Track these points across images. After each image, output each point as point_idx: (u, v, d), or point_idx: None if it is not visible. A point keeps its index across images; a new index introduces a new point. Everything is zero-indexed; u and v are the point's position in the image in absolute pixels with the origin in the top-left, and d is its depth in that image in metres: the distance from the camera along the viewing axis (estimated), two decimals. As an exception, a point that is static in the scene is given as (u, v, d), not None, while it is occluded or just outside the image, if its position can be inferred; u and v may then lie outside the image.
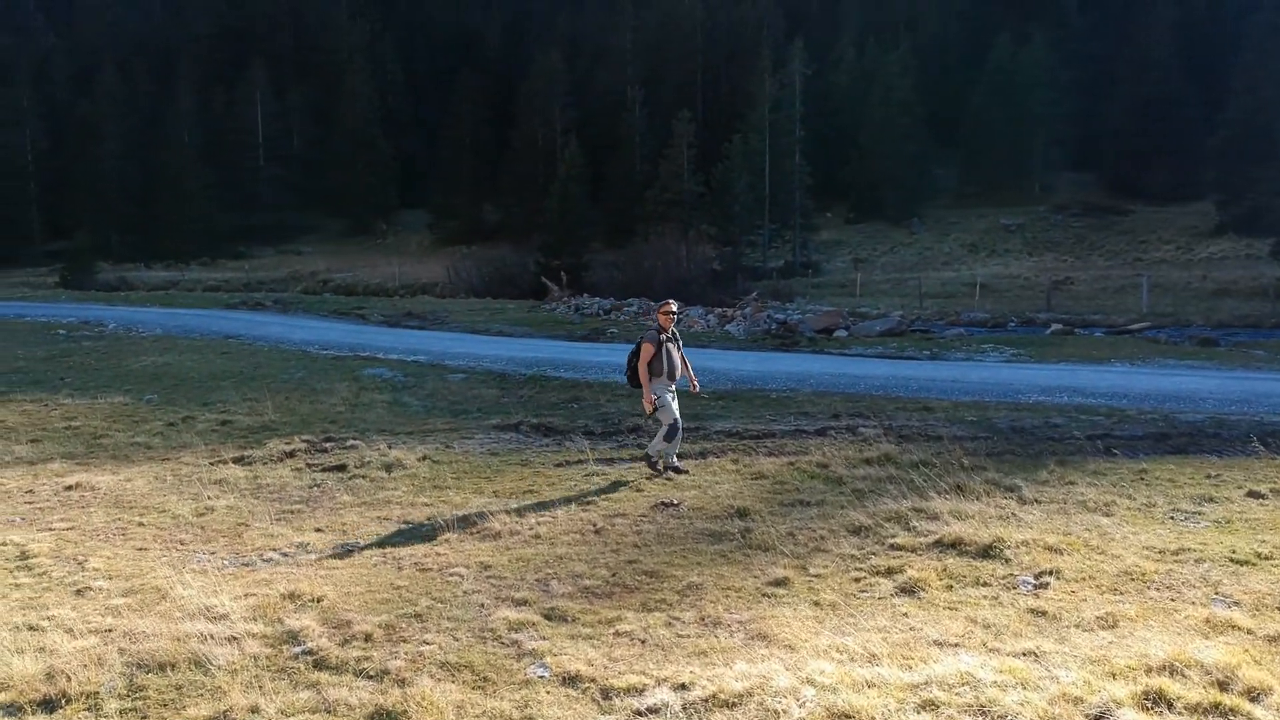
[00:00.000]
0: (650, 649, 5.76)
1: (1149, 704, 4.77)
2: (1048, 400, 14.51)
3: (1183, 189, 58.37)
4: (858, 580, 6.89)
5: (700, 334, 27.27)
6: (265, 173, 79.43)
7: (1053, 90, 64.02)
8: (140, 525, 8.94)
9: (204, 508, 9.47)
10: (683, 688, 5.14)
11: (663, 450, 10.31)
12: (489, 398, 15.88)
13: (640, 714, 4.93)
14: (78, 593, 7.04)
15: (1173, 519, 8.18)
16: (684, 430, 10.66)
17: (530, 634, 6.00)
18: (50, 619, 6.41)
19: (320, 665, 5.61)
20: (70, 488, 10.34)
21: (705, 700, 4.99)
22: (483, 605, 6.53)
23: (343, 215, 79.60)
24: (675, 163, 56.19)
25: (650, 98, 67.30)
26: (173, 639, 5.86)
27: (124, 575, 7.40)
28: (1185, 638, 5.60)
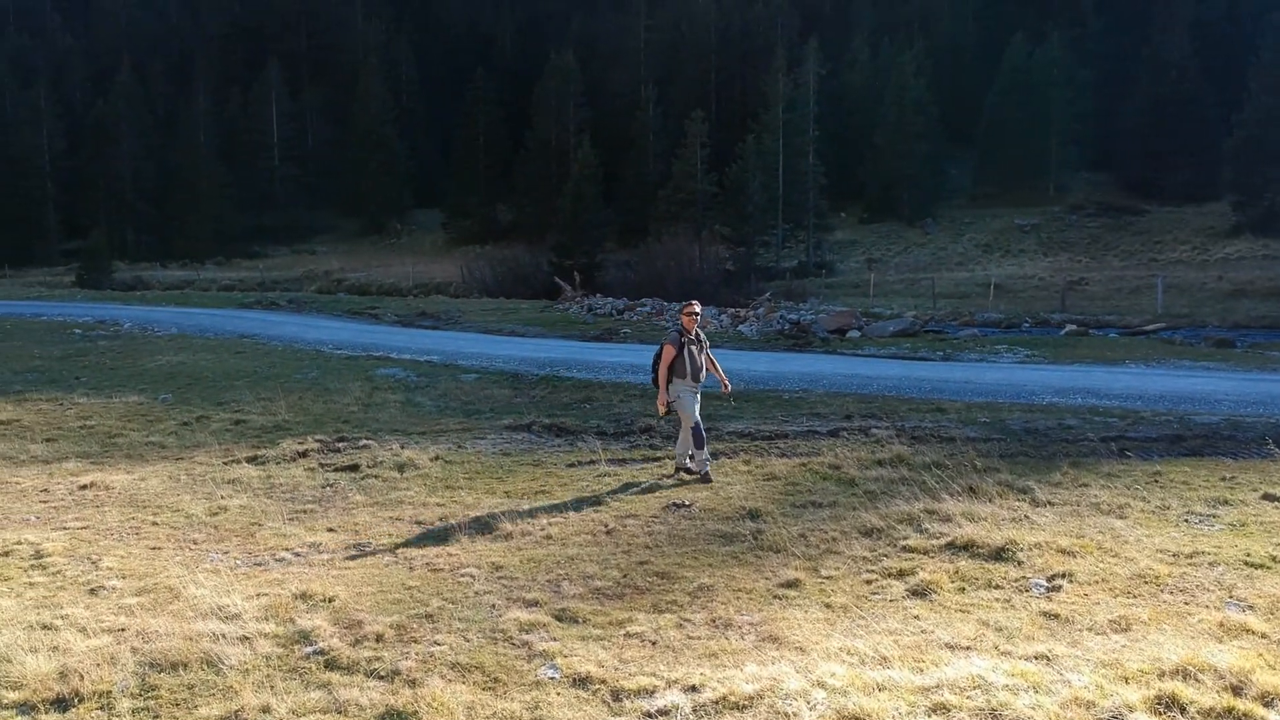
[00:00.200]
0: (661, 650, 5.76)
1: (1162, 708, 4.75)
2: (1061, 402, 14.43)
3: (1199, 189, 58.05)
4: (869, 582, 6.88)
5: (713, 334, 27.12)
6: (280, 173, 79.78)
7: (1068, 90, 63.70)
8: (154, 524, 8.99)
9: (217, 507, 9.51)
10: (693, 690, 5.14)
11: (693, 454, 10.10)
12: (502, 398, 15.90)
13: (650, 716, 4.94)
14: (91, 592, 7.09)
15: (1187, 522, 8.13)
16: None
17: (541, 635, 6.01)
18: (64, 618, 6.45)
19: (331, 665, 5.64)
20: (85, 487, 10.40)
21: (716, 702, 4.99)
22: (494, 606, 6.55)
23: (357, 215, 79.92)
24: (689, 163, 56.15)
25: (664, 97, 67.42)
26: (185, 638, 5.90)
27: (137, 574, 7.44)
28: (1199, 642, 5.57)
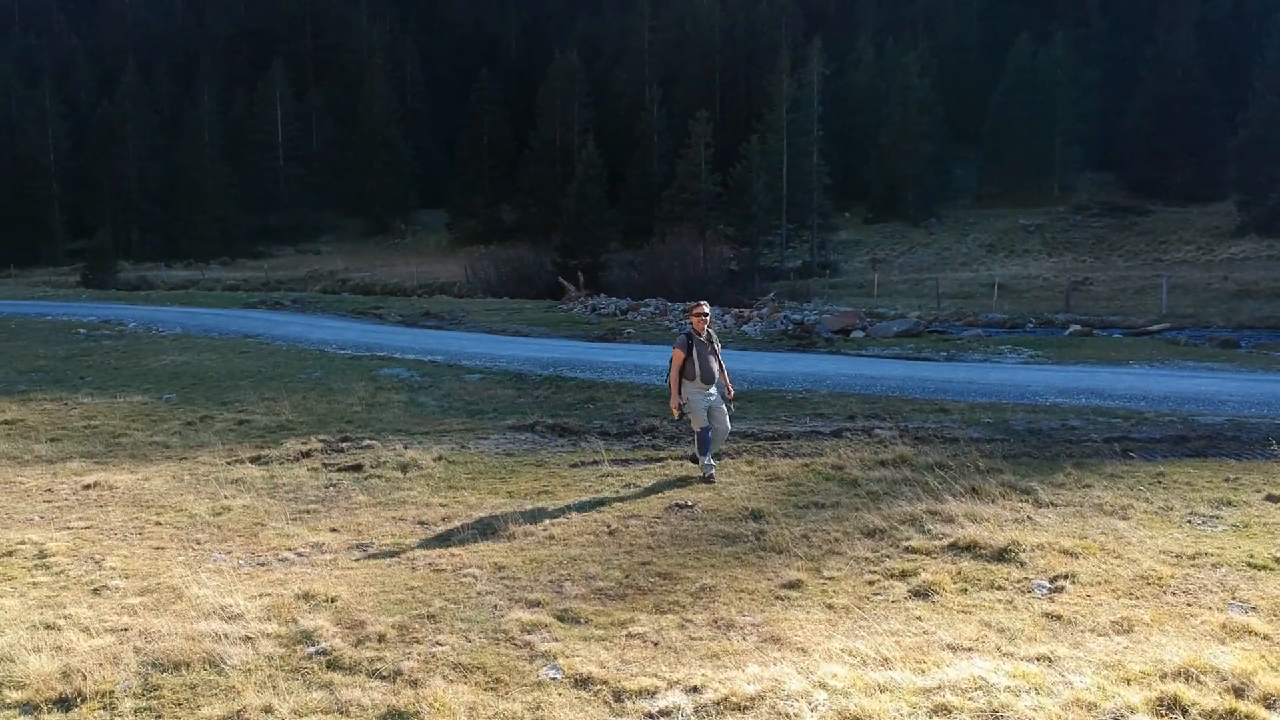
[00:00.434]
0: (663, 651, 5.76)
1: (1163, 710, 4.74)
2: (1065, 402, 14.41)
3: (1204, 189, 57.93)
4: (871, 583, 6.88)
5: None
6: (285, 173, 79.94)
7: (1073, 90, 63.60)
8: (157, 524, 9.00)
9: (220, 507, 9.52)
10: (695, 690, 5.14)
11: (696, 456, 10.14)
12: (505, 398, 15.90)
13: (652, 716, 4.94)
14: (94, 592, 7.10)
15: (1190, 523, 8.11)
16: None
17: (543, 635, 6.01)
18: (67, 618, 6.46)
19: (334, 665, 5.64)
20: (89, 487, 10.42)
21: (717, 703, 4.99)
22: (496, 606, 6.55)
23: (361, 215, 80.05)
24: (693, 163, 56.15)
25: (668, 98, 67.39)
26: (188, 638, 5.91)
27: (140, 574, 7.45)
28: (1201, 643, 5.56)
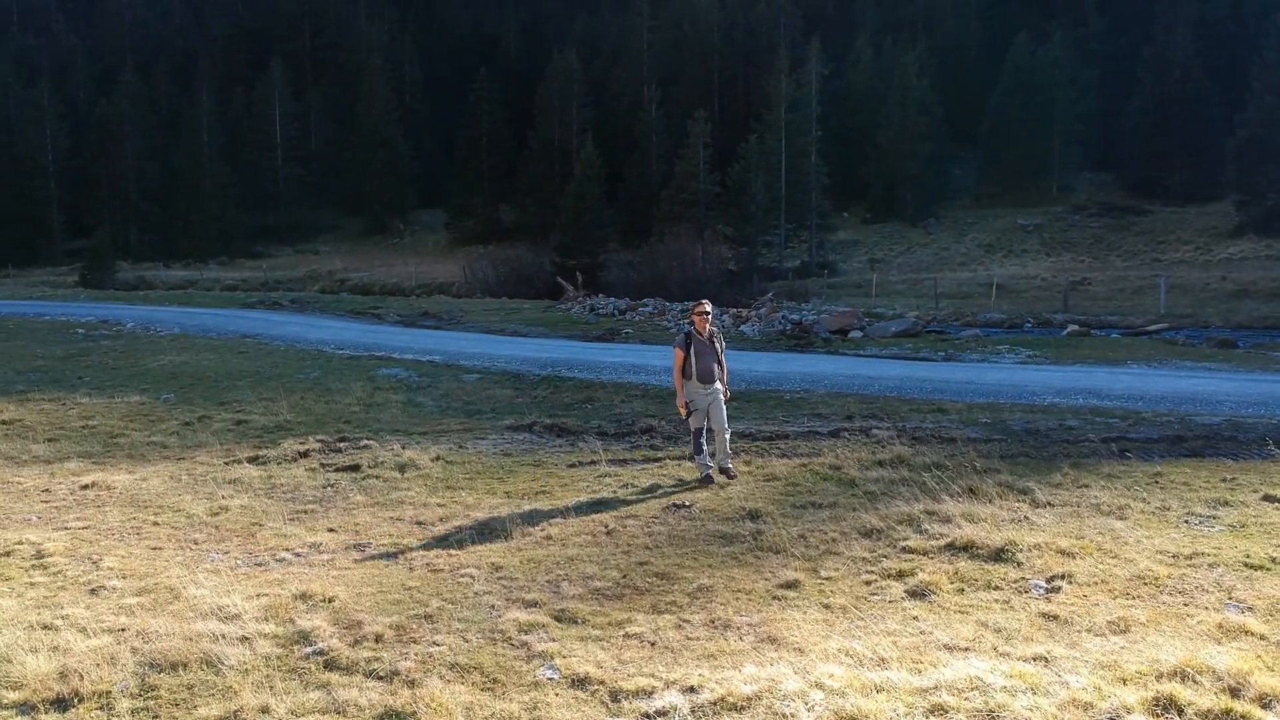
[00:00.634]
0: (660, 651, 5.76)
1: (1159, 710, 4.75)
2: (1063, 402, 14.42)
3: (1202, 189, 57.92)
4: (868, 583, 6.88)
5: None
6: (283, 172, 79.86)
7: (1072, 90, 63.57)
8: (155, 524, 9.01)
9: (218, 507, 9.53)
10: (691, 690, 5.15)
11: (694, 456, 10.07)
12: (503, 398, 15.91)
13: (648, 717, 4.94)
14: (92, 592, 7.10)
15: (1187, 523, 8.12)
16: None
17: (540, 635, 6.02)
18: (64, 618, 6.47)
19: (331, 666, 5.65)
20: (86, 487, 10.42)
21: (714, 703, 5.00)
22: (493, 606, 6.56)
23: (360, 215, 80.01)
24: (691, 163, 56.14)
25: (667, 98, 67.39)
26: (185, 639, 5.91)
27: (138, 575, 7.46)
28: (1197, 643, 5.57)
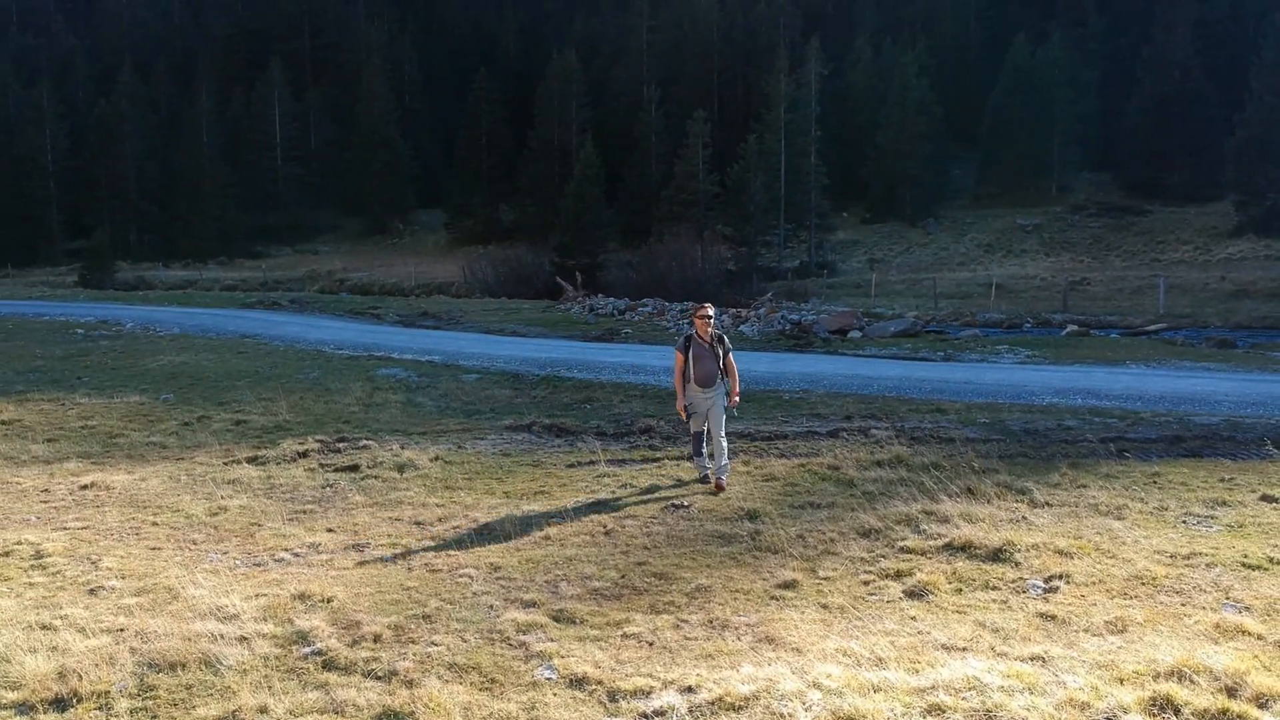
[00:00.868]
0: (658, 651, 5.77)
1: (1156, 710, 4.76)
2: (1061, 402, 14.42)
3: (1201, 189, 57.94)
4: (866, 583, 6.89)
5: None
6: (283, 172, 79.84)
7: (1071, 90, 63.57)
8: (154, 525, 9.01)
9: (217, 507, 9.53)
10: (689, 690, 5.16)
11: (693, 458, 10.09)
12: (502, 398, 15.91)
13: (646, 716, 4.95)
14: (90, 592, 7.11)
15: (1185, 523, 8.13)
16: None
17: (538, 635, 6.02)
18: (63, 618, 6.47)
19: (329, 666, 5.66)
20: (85, 487, 10.43)
21: (711, 703, 5.00)
22: (491, 607, 6.56)
23: (360, 215, 80.00)
24: (691, 163, 56.15)
25: (666, 98, 67.40)
26: (184, 639, 5.92)
27: (137, 575, 7.46)
28: (1194, 643, 5.57)
